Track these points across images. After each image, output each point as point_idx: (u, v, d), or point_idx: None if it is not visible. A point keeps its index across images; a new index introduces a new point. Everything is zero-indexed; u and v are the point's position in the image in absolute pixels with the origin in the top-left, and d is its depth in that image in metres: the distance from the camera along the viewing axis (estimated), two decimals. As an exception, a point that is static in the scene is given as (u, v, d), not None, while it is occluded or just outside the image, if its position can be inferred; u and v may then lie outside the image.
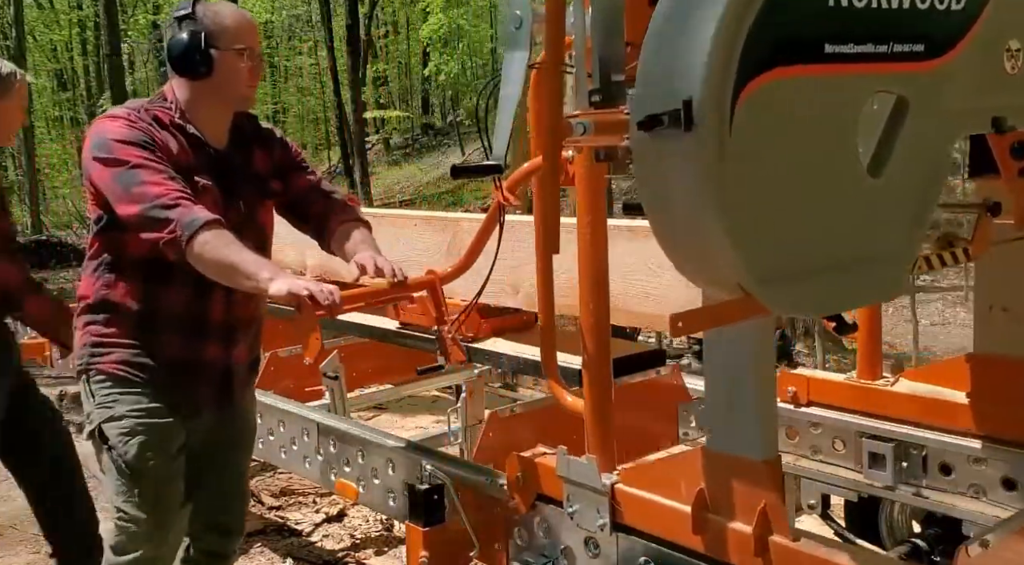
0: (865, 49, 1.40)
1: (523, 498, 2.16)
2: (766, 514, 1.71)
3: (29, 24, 23.31)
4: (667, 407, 3.03)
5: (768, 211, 1.33)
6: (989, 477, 2.42)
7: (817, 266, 1.40)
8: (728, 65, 1.24)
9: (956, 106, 1.57)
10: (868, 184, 1.46)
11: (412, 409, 5.76)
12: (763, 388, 1.78)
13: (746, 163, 1.28)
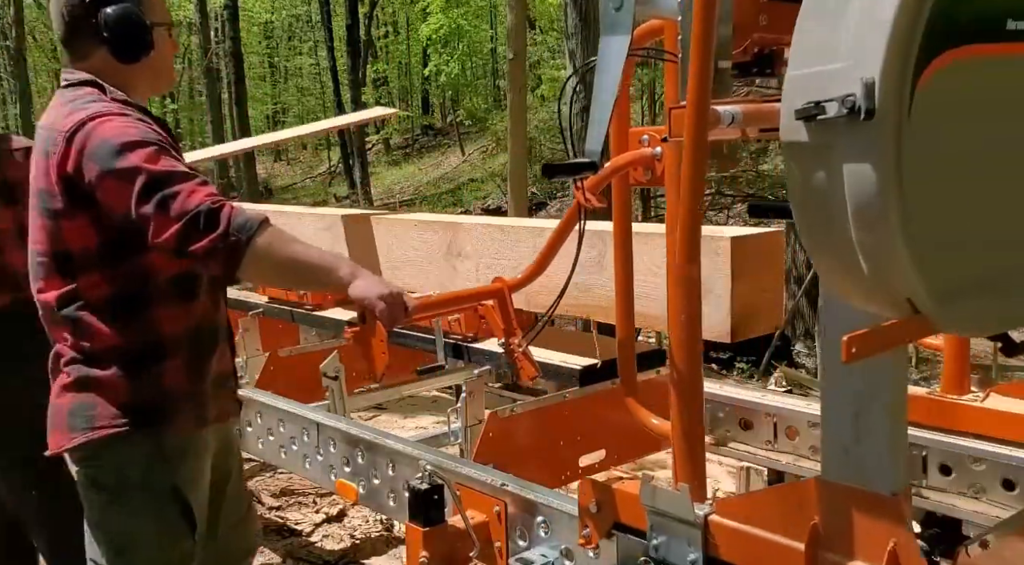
0: None
1: (598, 528, 1.92)
2: (896, 555, 1.49)
3: (29, 24, 23.29)
4: (667, 407, 3.03)
5: (949, 215, 1.15)
6: (989, 477, 2.42)
7: (999, 277, 1.22)
8: (910, 45, 1.08)
9: None
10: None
11: (412, 409, 5.76)
12: (895, 415, 1.55)
13: (925, 158, 1.11)
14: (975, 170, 1.17)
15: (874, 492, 1.52)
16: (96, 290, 1.93)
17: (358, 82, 20.52)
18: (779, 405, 2.90)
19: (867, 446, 1.55)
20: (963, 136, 1.15)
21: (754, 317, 2.46)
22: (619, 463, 3.07)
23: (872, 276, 1.16)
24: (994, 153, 1.18)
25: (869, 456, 1.55)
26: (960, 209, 1.16)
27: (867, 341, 1.22)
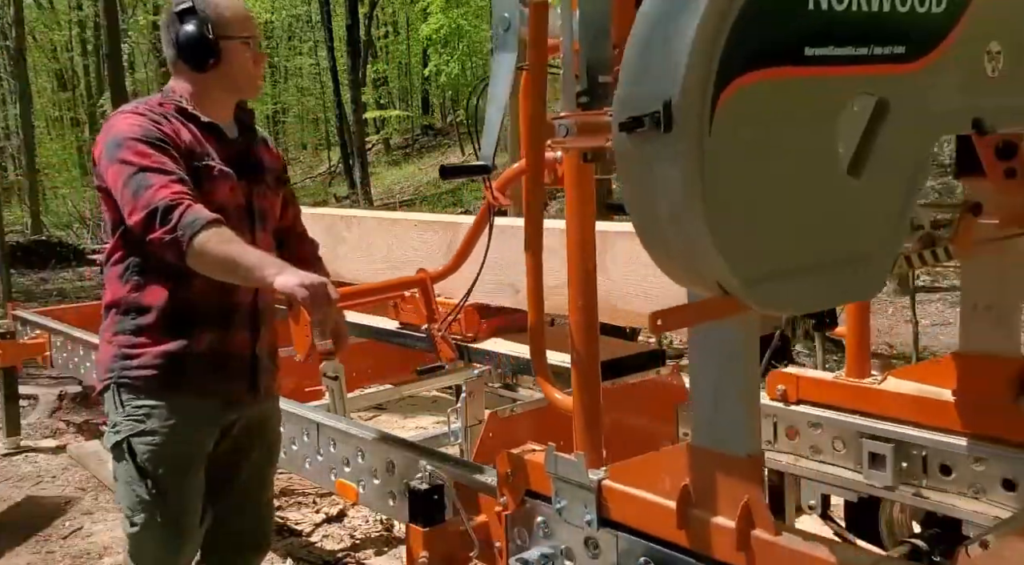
0: (845, 51, 1.39)
1: (513, 494, 2.19)
2: (749, 509, 1.72)
3: (29, 24, 23.30)
4: (667, 407, 3.03)
5: (750, 212, 1.33)
6: (989, 477, 2.42)
7: (798, 266, 1.40)
8: (708, 67, 1.24)
9: (937, 108, 1.57)
10: (848, 184, 1.45)
11: (412, 409, 5.76)
12: (748, 384, 1.78)
13: (727, 164, 1.28)
14: (776, 177, 1.34)
15: (732, 455, 1.74)
16: (115, 255, 2.33)
17: (358, 82, 20.52)
18: (779, 405, 2.90)
19: (724, 415, 1.77)
20: (765, 146, 1.32)
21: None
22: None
23: (688, 264, 1.37)
24: (793, 162, 1.35)
25: (726, 424, 1.77)
26: (762, 209, 1.33)
27: (674, 316, 1.64)
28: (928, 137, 1.59)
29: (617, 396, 2.87)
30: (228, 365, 2.34)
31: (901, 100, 1.48)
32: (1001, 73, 1.64)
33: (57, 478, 4.84)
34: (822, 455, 2.78)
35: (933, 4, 1.50)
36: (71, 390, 6.24)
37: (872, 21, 1.41)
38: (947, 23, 1.53)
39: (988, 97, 1.64)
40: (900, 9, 1.44)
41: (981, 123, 1.62)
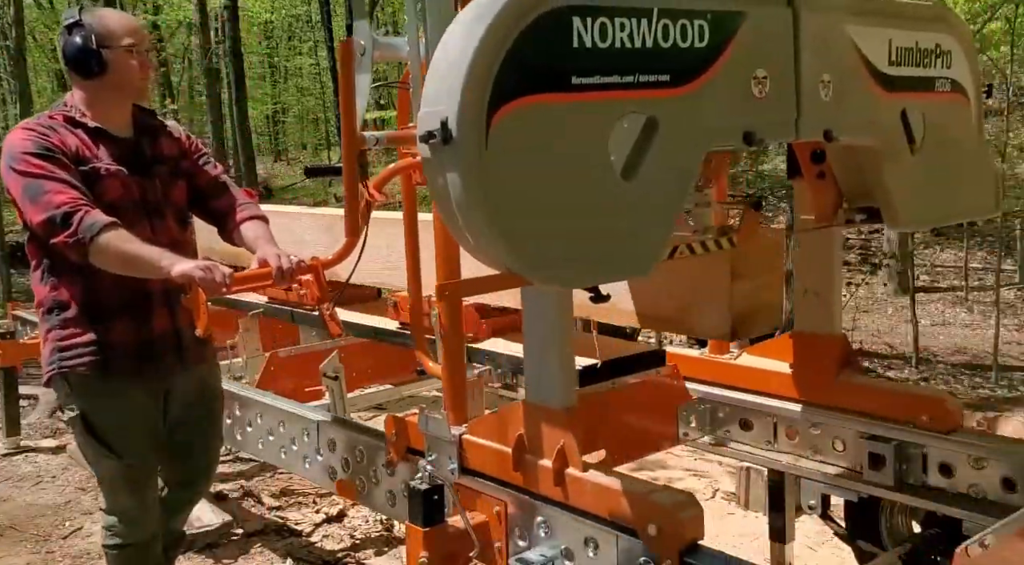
0: (612, 79, 1.66)
1: (397, 451, 2.58)
2: (563, 452, 2.10)
3: (29, 24, 23.27)
4: (666, 407, 3.03)
5: (531, 208, 1.60)
6: (989, 477, 2.42)
7: (576, 250, 1.67)
8: (482, 94, 1.51)
9: (705, 124, 1.82)
10: (622, 186, 1.71)
11: (412, 409, 5.76)
12: (562, 350, 2.16)
13: (506, 171, 1.55)
14: (553, 180, 1.61)
15: (552, 408, 2.14)
16: (33, 260, 2.62)
17: (358, 82, 20.49)
18: (779, 405, 2.90)
19: (546, 377, 2.17)
20: (542, 155, 1.59)
21: (754, 317, 2.46)
22: (619, 463, 3.07)
23: (481, 250, 1.65)
24: (568, 168, 1.63)
25: (548, 382, 2.16)
26: (541, 206, 1.61)
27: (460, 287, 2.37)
28: (698, 148, 1.83)
29: (617, 396, 2.86)
30: (154, 345, 2.65)
31: (669, 118, 1.75)
32: (768, 94, 1.90)
33: (57, 478, 4.84)
34: (822, 455, 2.78)
35: (696, 39, 1.77)
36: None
37: (636, 54, 1.69)
38: (711, 54, 1.80)
39: (756, 115, 1.89)
40: (663, 44, 1.73)
41: (751, 136, 1.88)
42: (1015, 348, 12.20)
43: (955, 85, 2.35)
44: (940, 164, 2.31)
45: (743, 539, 3.87)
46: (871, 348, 11.87)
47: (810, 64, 1.99)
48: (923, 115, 2.25)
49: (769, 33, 1.92)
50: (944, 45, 2.30)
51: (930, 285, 15.94)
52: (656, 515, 1.91)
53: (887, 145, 2.20)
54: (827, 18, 2.03)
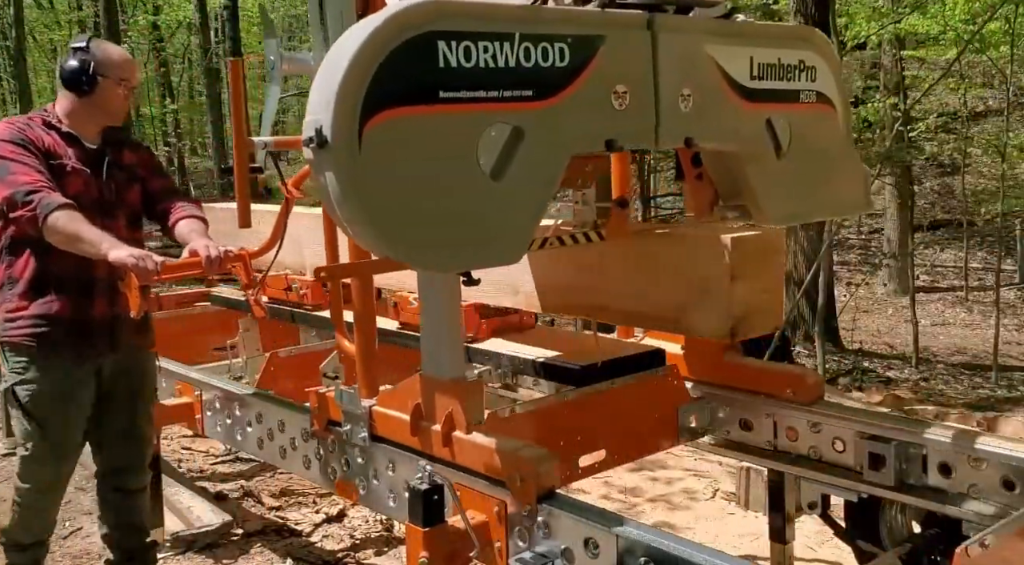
0: (477, 94, 1.88)
1: (319, 422, 2.83)
2: (451, 417, 2.36)
3: (29, 24, 23.29)
4: (667, 407, 3.03)
5: (401, 203, 1.82)
6: (989, 477, 2.42)
7: (449, 239, 1.90)
8: (353, 105, 1.74)
9: (568, 132, 2.03)
10: (491, 185, 1.93)
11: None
12: (452, 326, 2.45)
13: (378, 171, 1.78)
14: (425, 179, 1.83)
15: (442, 379, 2.41)
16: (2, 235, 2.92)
17: (358, 82, 20.47)
18: (779, 405, 2.90)
19: (439, 350, 2.43)
20: (414, 158, 1.81)
21: (754, 317, 2.46)
22: (619, 463, 3.07)
23: (358, 238, 1.96)
24: (439, 170, 1.85)
25: (440, 356, 2.43)
26: (415, 202, 1.84)
27: (338, 270, 2.79)
28: (561, 153, 2.05)
29: (617, 396, 2.86)
30: (92, 326, 2.93)
31: (534, 128, 1.97)
32: (628, 106, 2.12)
33: (57, 478, 4.83)
34: (822, 455, 2.79)
35: (557, 59, 1.99)
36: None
37: (500, 73, 1.91)
38: (572, 72, 2.02)
39: (617, 124, 2.11)
40: (526, 64, 1.94)
41: (612, 143, 2.11)
42: (1015, 348, 12.20)
43: (821, 96, 2.59)
44: (808, 166, 2.55)
45: (743, 539, 3.87)
46: (871, 348, 11.88)
47: (669, 80, 2.21)
48: (789, 123, 2.49)
49: (628, 53, 2.15)
50: (808, 61, 2.55)
51: (930, 285, 15.94)
52: (519, 468, 2.18)
53: (751, 150, 2.44)
54: (686, 39, 2.26)
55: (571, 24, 2.05)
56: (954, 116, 16.19)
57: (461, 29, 1.87)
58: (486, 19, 1.93)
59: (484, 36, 1.90)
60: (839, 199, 2.70)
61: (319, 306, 3.75)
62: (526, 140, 1.97)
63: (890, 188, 14.75)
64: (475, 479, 2.28)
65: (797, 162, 2.53)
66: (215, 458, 5.13)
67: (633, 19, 2.18)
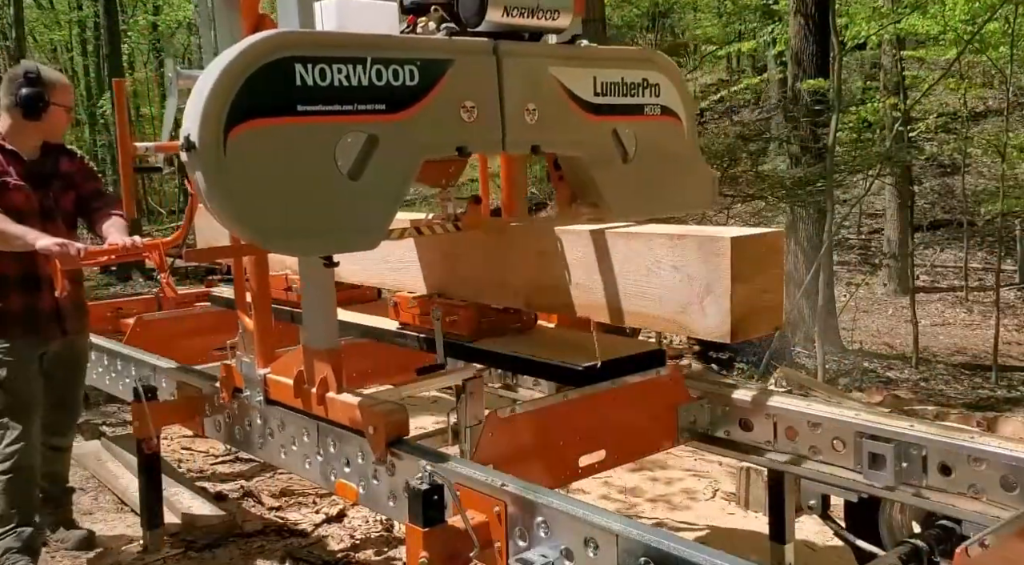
0: (333, 108, 2.22)
1: (227, 390, 3.23)
2: (324, 380, 2.79)
3: (29, 24, 23.28)
4: (667, 407, 3.03)
5: (265, 198, 2.15)
6: (989, 477, 2.43)
7: (308, 229, 2.22)
8: (217, 117, 2.07)
9: (420, 141, 2.38)
10: (348, 184, 2.27)
11: (412, 409, 5.75)
12: (326, 305, 2.83)
13: (242, 171, 2.10)
14: (287, 179, 2.17)
15: (318, 349, 2.81)
16: None
17: (358, 82, 20.47)
18: (779, 405, 2.90)
19: (315, 324, 2.83)
20: (276, 161, 2.15)
21: (754, 318, 2.45)
22: (619, 463, 3.07)
23: (225, 226, 2.33)
24: (300, 170, 2.19)
25: (316, 330, 2.83)
26: (279, 197, 2.16)
27: (204, 253, 3.55)
28: (414, 158, 2.40)
29: (617, 396, 2.86)
30: (39, 318, 3.59)
31: (388, 136, 2.31)
32: (476, 118, 2.47)
33: (57, 478, 4.83)
34: (822, 455, 2.79)
35: (407, 79, 2.34)
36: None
37: (354, 90, 2.25)
38: (423, 90, 2.37)
39: (466, 134, 2.47)
40: (378, 83, 2.28)
41: (463, 149, 2.48)
42: (1015, 348, 12.20)
43: (666, 109, 2.96)
44: (654, 170, 2.93)
45: (743, 539, 3.87)
46: (871, 348, 11.88)
47: (514, 96, 2.56)
48: (634, 133, 2.86)
49: (475, 74, 2.49)
50: (652, 79, 2.91)
51: (930, 285, 15.94)
52: (373, 419, 2.58)
53: (598, 156, 2.80)
54: (530, 62, 2.62)
55: (420, 50, 2.40)
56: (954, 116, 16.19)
57: (316, 54, 2.21)
58: (339, 46, 2.27)
59: (338, 60, 2.23)
60: (685, 198, 3.08)
61: (319, 306, 3.75)
62: (381, 146, 2.31)
63: (890, 188, 14.76)
64: (475, 480, 2.28)
65: (643, 166, 2.89)
66: (215, 458, 5.13)
67: (479, 46, 2.53)
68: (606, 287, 2.60)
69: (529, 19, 2.67)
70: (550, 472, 2.74)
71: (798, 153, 10.91)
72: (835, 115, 9.11)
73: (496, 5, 2.59)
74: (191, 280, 13.74)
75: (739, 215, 12.84)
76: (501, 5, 2.60)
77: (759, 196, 11.05)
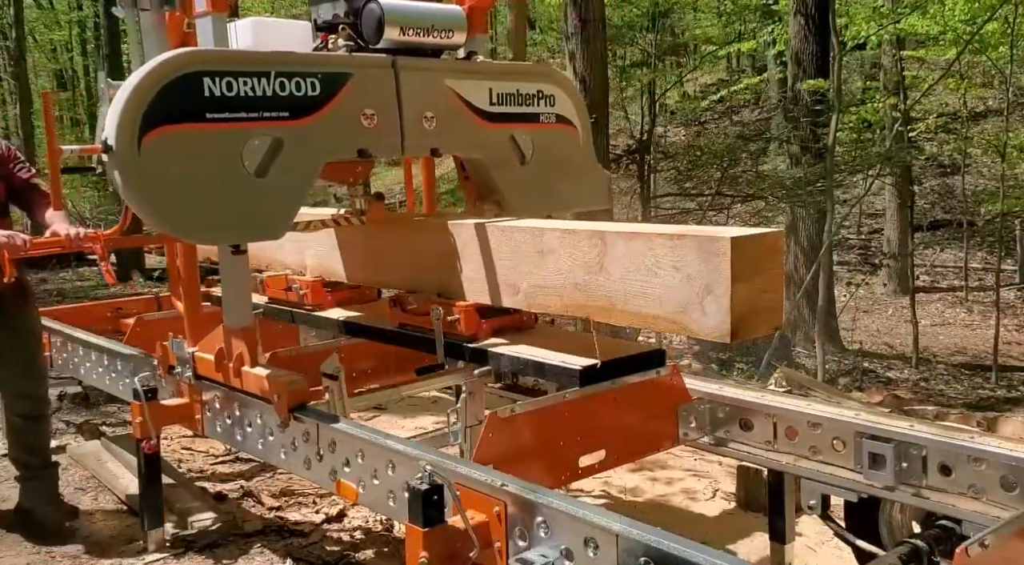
0: (239, 115, 2.59)
1: (163, 368, 3.64)
2: (240, 356, 3.14)
3: (29, 24, 23.27)
4: (667, 407, 3.03)
5: (177, 193, 2.51)
6: (989, 477, 2.42)
7: (217, 221, 2.60)
8: (131, 124, 2.42)
9: (323, 144, 2.76)
10: (255, 181, 2.64)
11: (412, 409, 5.76)
12: (241, 288, 3.17)
13: (155, 171, 2.47)
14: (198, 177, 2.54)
15: (236, 327, 3.15)
16: None
17: (358, 82, 20.47)
18: (779, 405, 2.90)
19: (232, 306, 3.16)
20: (188, 161, 2.52)
21: (754, 318, 2.45)
22: (619, 463, 3.07)
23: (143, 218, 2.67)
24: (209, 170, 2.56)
25: (233, 311, 3.17)
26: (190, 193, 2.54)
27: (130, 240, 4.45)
28: (317, 160, 2.77)
29: (617, 396, 2.86)
30: None
31: (291, 140, 2.68)
32: (376, 124, 2.86)
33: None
34: (822, 455, 2.79)
35: (309, 90, 2.72)
36: (71, 390, 6.23)
37: (259, 99, 2.62)
38: (324, 99, 2.75)
39: (367, 138, 2.84)
40: (281, 93, 2.67)
41: (364, 152, 2.83)
42: (1015, 348, 12.20)
43: (561, 118, 3.34)
44: (550, 171, 3.32)
45: (743, 539, 3.87)
46: (871, 348, 11.88)
47: (412, 105, 2.93)
48: (531, 139, 3.26)
49: (375, 85, 2.86)
50: (547, 90, 3.29)
51: (930, 285, 15.94)
52: (277, 388, 2.95)
53: (496, 159, 3.20)
54: (427, 75, 3.00)
55: (320, 64, 2.77)
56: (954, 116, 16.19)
57: (223, 69, 2.56)
58: (244, 62, 2.62)
59: (243, 74, 2.59)
60: (580, 198, 3.47)
61: (319, 306, 3.75)
62: (285, 149, 2.66)
63: (890, 188, 14.76)
64: (475, 480, 2.28)
65: (540, 168, 3.28)
66: (215, 458, 5.13)
67: (378, 61, 2.90)
68: (606, 287, 2.59)
69: (425, 37, 3.00)
70: (550, 472, 2.74)
71: (798, 153, 10.92)
72: (835, 115, 9.12)
73: (393, 24, 2.91)
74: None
75: (739, 215, 12.85)
76: (398, 24, 2.92)
77: (759, 196, 11.06)
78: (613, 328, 3.37)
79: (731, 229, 2.51)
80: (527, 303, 2.92)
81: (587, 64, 8.14)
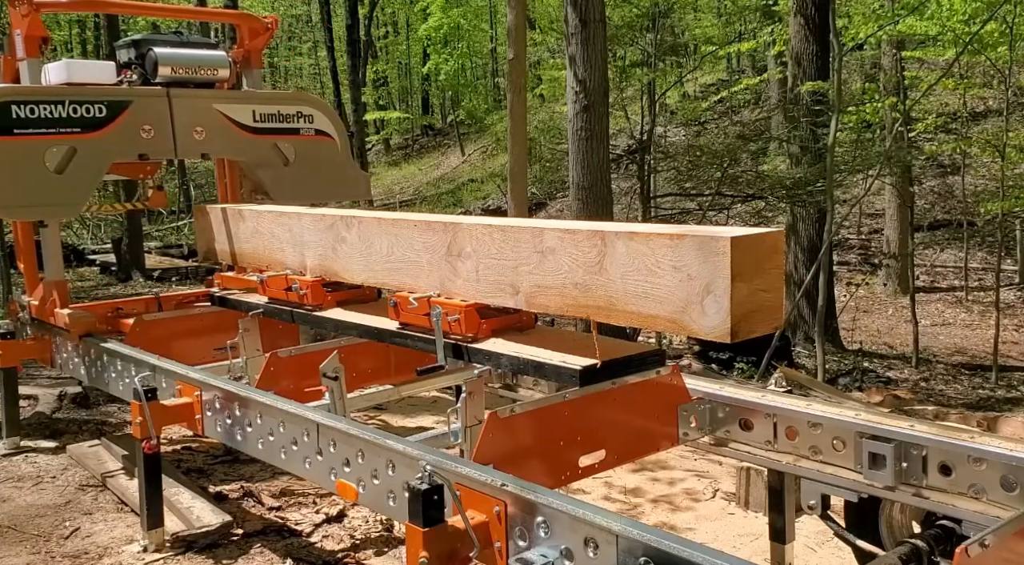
0: (40, 130, 4.12)
1: (12, 315, 4.86)
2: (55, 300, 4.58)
3: (29, 24, 23.25)
4: (667, 407, 3.03)
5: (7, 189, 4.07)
6: (989, 477, 2.42)
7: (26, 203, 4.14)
8: None
9: (109, 151, 4.36)
10: (55, 177, 4.16)
11: (412, 409, 5.76)
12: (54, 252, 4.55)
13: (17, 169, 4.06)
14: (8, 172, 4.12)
15: (52, 280, 4.77)
16: None
17: (358, 82, 20.51)
18: (779, 405, 2.90)
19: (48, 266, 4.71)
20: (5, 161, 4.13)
21: (754, 318, 2.45)
22: (619, 463, 3.07)
23: None
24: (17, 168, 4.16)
25: (49, 269, 4.64)
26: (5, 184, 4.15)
27: None
28: (104, 162, 4.37)
29: (617, 396, 2.86)
30: None
31: (83, 148, 4.25)
32: (154, 136, 4.45)
33: (57, 478, 4.84)
34: (822, 455, 2.78)
35: (97, 112, 4.29)
36: (71, 390, 6.24)
37: (56, 119, 4.17)
38: (109, 118, 4.33)
39: (146, 146, 4.44)
40: (74, 115, 4.22)
41: (143, 155, 4.44)
42: (1015, 348, 12.20)
43: (320, 131, 4.94)
44: (310, 172, 4.90)
45: (743, 539, 3.87)
46: (871, 348, 11.88)
47: (183, 122, 4.50)
48: (292, 147, 4.86)
49: (151, 109, 4.43)
50: (305, 111, 4.91)
51: (930, 285, 15.95)
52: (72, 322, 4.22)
53: (259, 161, 4.80)
54: (196, 101, 4.59)
55: (105, 95, 4.32)
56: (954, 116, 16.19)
57: (27, 99, 4.08)
58: (44, 94, 4.18)
59: (43, 102, 4.10)
60: (338, 192, 5.13)
61: (319, 306, 3.75)
62: (78, 154, 4.16)
63: (890, 188, 14.76)
64: (475, 479, 2.28)
65: (301, 169, 4.86)
66: (215, 458, 5.13)
67: (154, 92, 4.51)
68: (607, 287, 2.59)
69: (194, 74, 4.62)
70: (550, 472, 2.74)
71: (798, 153, 10.93)
72: (835, 115, 9.12)
73: (166, 65, 4.54)
74: (191, 280, 13.74)
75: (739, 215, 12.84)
76: (169, 65, 4.54)
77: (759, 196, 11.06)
78: (613, 328, 3.36)
79: (731, 229, 2.51)
80: (527, 303, 2.92)
81: (588, 65, 8.14)
